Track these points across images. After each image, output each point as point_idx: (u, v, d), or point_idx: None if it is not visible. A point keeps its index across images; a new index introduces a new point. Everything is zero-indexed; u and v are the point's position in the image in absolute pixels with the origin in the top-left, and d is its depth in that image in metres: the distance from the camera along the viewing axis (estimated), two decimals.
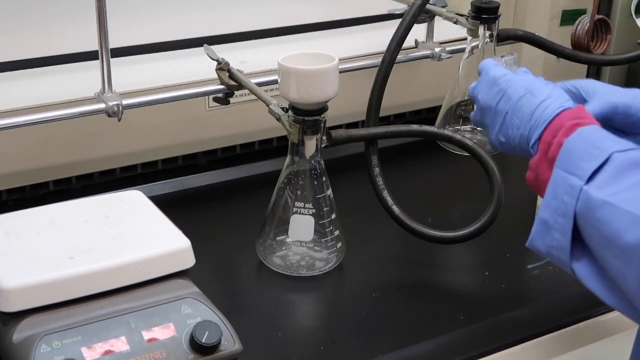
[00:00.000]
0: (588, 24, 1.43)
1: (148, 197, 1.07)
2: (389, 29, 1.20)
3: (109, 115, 1.19)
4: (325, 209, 1.14)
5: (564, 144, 0.90)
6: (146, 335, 0.90)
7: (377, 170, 1.18)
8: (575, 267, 0.88)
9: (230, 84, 1.23)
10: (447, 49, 1.46)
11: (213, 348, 0.90)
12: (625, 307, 0.85)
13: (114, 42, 1.19)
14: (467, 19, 1.36)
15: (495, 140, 1.02)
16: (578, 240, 0.87)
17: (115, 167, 1.35)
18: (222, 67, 1.23)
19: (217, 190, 1.38)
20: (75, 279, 0.91)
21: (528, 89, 0.98)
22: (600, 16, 1.45)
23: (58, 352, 0.86)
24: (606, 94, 1.04)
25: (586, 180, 0.85)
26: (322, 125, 1.11)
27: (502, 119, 1.00)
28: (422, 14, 1.23)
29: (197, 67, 1.30)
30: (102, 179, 1.34)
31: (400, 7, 1.50)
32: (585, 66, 1.65)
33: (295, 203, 1.13)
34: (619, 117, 1.03)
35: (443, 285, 1.18)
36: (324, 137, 1.13)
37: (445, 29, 1.49)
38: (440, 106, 1.48)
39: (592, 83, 1.06)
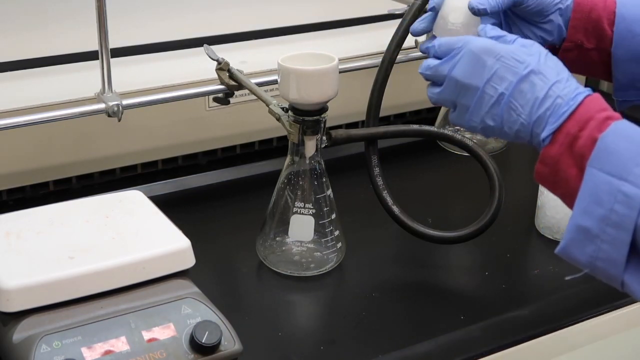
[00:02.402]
0: None
1: (148, 197, 1.07)
2: (389, 29, 1.20)
3: (109, 115, 1.19)
4: (325, 209, 1.14)
5: (600, 141, 0.81)
6: (146, 335, 0.90)
7: (377, 170, 1.18)
8: (628, 281, 0.80)
9: (230, 84, 1.23)
10: None
11: (213, 348, 0.90)
12: None
13: (114, 42, 1.19)
14: None
15: (478, 124, 0.91)
16: (633, 253, 0.79)
17: (115, 167, 1.35)
18: (222, 67, 1.23)
19: (217, 190, 1.38)
20: (75, 279, 0.91)
21: (529, 67, 0.87)
22: None
23: (58, 352, 0.86)
24: None
25: None
26: (322, 125, 1.11)
27: (493, 100, 0.88)
28: (422, 14, 1.23)
29: (197, 67, 1.30)
30: (102, 179, 1.34)
31: (400, 7, 1.50)
32: None
33: (295, 203, 1.13)
34: (523, 3, 0.99)
35: (443, 285, 1.18)
36: (324, 137, 1.13)
37: None
38: (440, 106, 1.48)
39: None
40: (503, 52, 0.89)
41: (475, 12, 0.98)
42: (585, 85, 0.96)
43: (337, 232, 1.16)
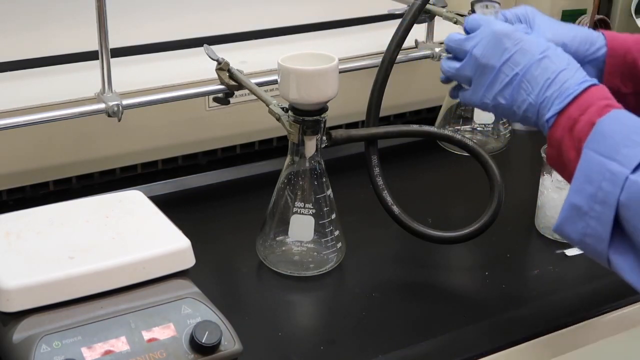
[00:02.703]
0: (588, 24, 1.43)
1: (148, 197, 1.07)
2: (389, 29, 1.20)
3: (109, 115, 1.19)
4: (325, 209, 1.14)
5: (597, 125, 0.85)
6: (146, 335, 0.90)
7: (377, 170, 1.18)
8: (612, 258, 0.84)
9: (230, 84, 1.23)
10: None
11: (213, 348, 0.90)
12: None
13: (114, 42, 1.19)
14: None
15: (490, 102, 0.96)
16: (617, 230, 0.83)
17: (115, 167, 1.35)
18: (222, 67, 1.23)
19: (217, 190, 1.38)
20: (75, 279, 0.91)
21: (544, 53, 0.93)
22: (600, 16, 1.45)
23: (58, 352, 0.86)
24: (544, 30, 1.03)
25: (632, 169, 0.81)
26: (322, 125, 1.11)
27: (507, 79, 0.94)
28: (422, 14, 1.23)
29: (197, 67, 1.30)
30: (102, 179, 1.34)
31: (400, 7, 1.50)
32: None
33: (295, 203, 1.13)
34: None
35: (443, 285, 1.18)
36: (324, 137, 1.13)
37: (445, 29, 1.49)
38: (440, 106, 1.48)
39: (532, 12, 1.04)
40: (522, 37, 0.95)
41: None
42: None
43: (337, 232, 1.16)
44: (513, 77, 0.93)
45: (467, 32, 1.01)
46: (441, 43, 1.47)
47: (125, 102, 1.19)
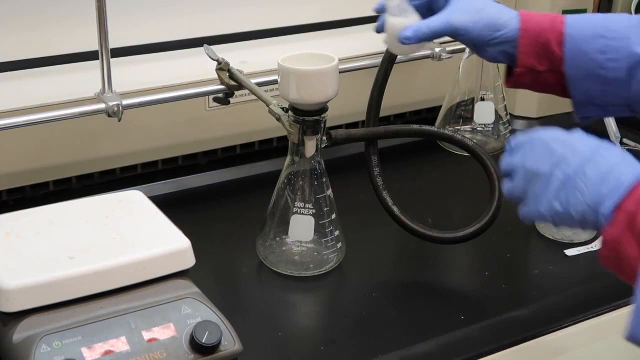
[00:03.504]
0: None
1: (148, 197, 1.07)
2: None
3: (109, 115, 1.19)
4: (325, 209, 1.14)
5: None
6: (146, 335, 0.90)
7: (377, 170, 1.18)
8: None
9: (230, 84, 1.23)
10: (447, 49, 1.46)
11: (213, 348, 0.90)
12: None
13: (114, 42, 1.19)
14: None
15: (546, 210, 0.88)
16: None
17: (115, 167, 1.35)
18: (222, 67, 1.23)
19: (217, 190, 1.38)
20: (75, 279, 0.91)
21: (594, 150, 0.87)
22: None
23: (58, 352, 0.86)
24: (455, 9, 1.04)
25: None
26: (322, 125, 1.11)
27: (559, 183, 0.86)
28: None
29: (197, 67, 1.30)
30: (102, 179, 1.34)
31: None
32: None
33: (295, 203, 1.13)
34: (459, 37, 1.05)
35: (443, 285, 1.18)
36: (324, 137, 1.13)
37: None
38: (440, 106, 1.48)
39: None
40: (569, 137, 0.89)
41: (404, 42, 1.05)
42: None
43: (337, 232, 1.16)
44: (565, 179, 0.86)
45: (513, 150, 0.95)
46: (442, 43, 1.47)
47: (125, 102, 1.19)
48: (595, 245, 1.22)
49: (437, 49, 1.46)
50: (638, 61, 1.00)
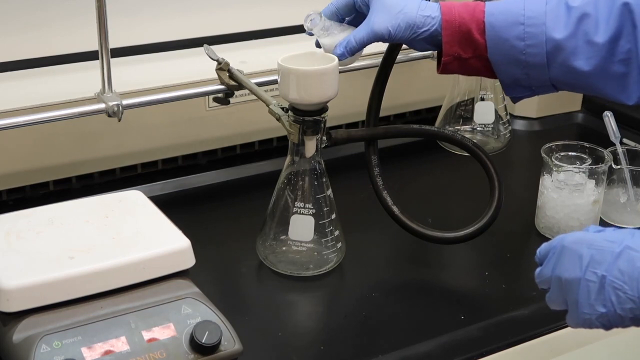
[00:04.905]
0: None
1: (148, 197, 1.07)
2: None
3: (109, 115, 1.19)
4: (325, 209, 1.14)
5: None
6: (146, 335, 0.90)
7: (377, 170, 1.18)
8: None
9: (230, 84, 1.23)
10: None
11: (213, 348, 0.90)
12: None
13: (114, 42, 1.19)
14: None
15: (589, 315, 0.86)
16: None
17: (115, 167, 1.35)
18: (222, 67, 1.23)
19: (217, 190, 1.38)
20: (75, 279, 0.91)
21: (624, 244, 0.84)
22: None
23: (58, 352, 0.86)
24: (376, 15, 1.06)
25: None
26: (322, 125, 1.11)
27: (597, 286, 0.84)
28: None
29: (197, 67, 1.30)
30: (102, 179, 1.34)
31: None
32: None
33: (295, 203, 1.13)
34: (386, 41, 1.08)
35: (443, 285, 1.18)
36: (324, 137, 1.13)
37: None
38: (440, 106, 1.48)
39: None
40: (594, 238, 0.87)
41: (340, 58, 1.08)
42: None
43: (337, 232, 1.16)
44: (601, 280, 0.84)
45: (541, 262, 0.94)
46: None
47: (125, 102, 1.19)
48: None
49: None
50: (555, 46, 1.02)
